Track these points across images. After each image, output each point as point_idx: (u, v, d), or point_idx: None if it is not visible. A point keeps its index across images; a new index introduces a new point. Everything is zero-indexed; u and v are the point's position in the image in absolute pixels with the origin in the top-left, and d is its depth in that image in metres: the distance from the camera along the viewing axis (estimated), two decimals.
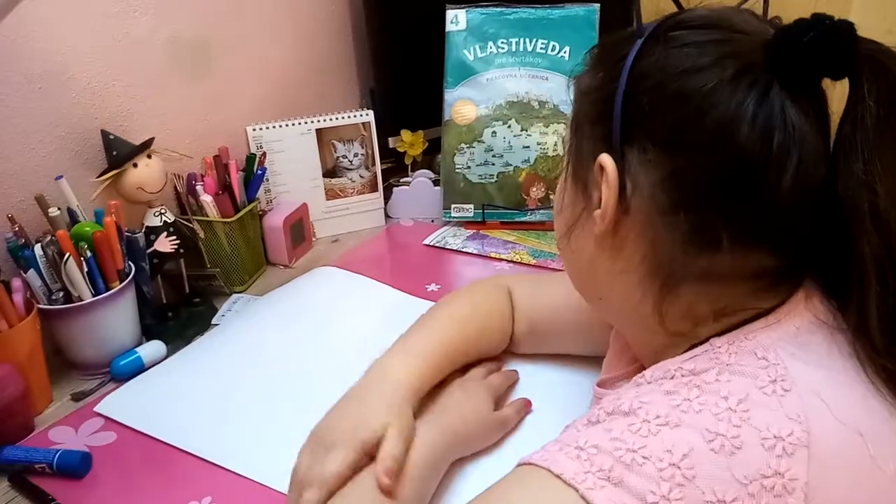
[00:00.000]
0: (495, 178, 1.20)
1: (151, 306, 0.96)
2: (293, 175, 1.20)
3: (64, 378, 0.88)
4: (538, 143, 1.18)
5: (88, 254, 0.84)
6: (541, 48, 1.17)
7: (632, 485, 0.41)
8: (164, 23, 1.04)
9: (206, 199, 1.03)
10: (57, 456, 0.72)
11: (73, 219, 0.90)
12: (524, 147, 1.19)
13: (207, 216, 1.04)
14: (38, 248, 0.83)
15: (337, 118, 1.20)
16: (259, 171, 1.10)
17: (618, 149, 0.50)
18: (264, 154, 1.13)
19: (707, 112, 0.46)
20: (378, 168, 1.25)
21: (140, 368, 0.88)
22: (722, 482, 0.41)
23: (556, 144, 1.18)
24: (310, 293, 1.03)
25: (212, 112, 1.14)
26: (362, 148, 1.23)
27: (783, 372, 0.45)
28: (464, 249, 1.16)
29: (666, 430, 0.43)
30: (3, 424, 0.76)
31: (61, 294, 0.85)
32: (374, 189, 1.26)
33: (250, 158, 1.10)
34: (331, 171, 1.23)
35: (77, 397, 0.85)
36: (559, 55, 1.17)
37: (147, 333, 0.94)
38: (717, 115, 0.46)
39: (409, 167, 1.33)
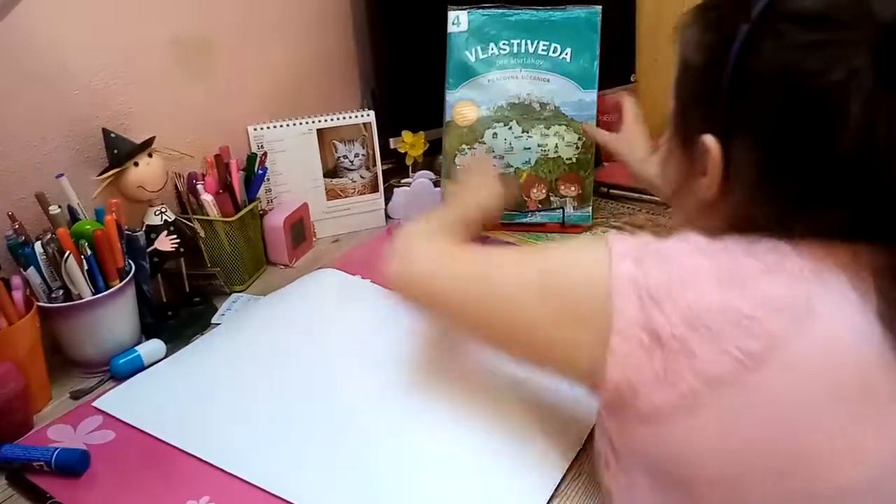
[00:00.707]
0: None
1: (151, 305, 0.96)
2: (294, 175, 1.20)
3: (63, 376, 0.88)
4: (539, 145, 1.18)
5: (89, 252, 0.84)
6: (542, 50, 1.17)
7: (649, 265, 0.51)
8: (166, 22, 1.04)
9: (207, 198, 1.03)
10: (55, 454, 0.72)
11: (74, 217, 0.90)
12: (525, 149, 1.19)
13: (208, 215, 1.04)
14: (38, 246, 0.83)
15: (338, 118, 1.20)
16: (260, 171, 1.10)
17: (722, 136, 0.53)
18: (265, 154, 1.13)
19: (811, 115, 0.48)
20: (379, 168, 1.25)
21: (139, 367, 0.88)
22: (711, 302, 0.48)
23: (556, 146, 1.18)
24: (310, 295, 1.03)
25: (213, 111, 1.14)
26: (363, 148, 1.23)
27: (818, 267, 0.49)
28: None
29: (686, 256, 0.51)
30: (1, 422, 0.76)
31: (61, 292, 0.84)
32: (374, 189, 1.26)
33: (251, 158, 1.10)
34: (332, 172, 1.23)
35: (76, 395, 0.85)
36: (561, 57, 1.17)
37: (147, 332, 0.94)
38: (821, 118, 0.48)
39: (410, 168, 1.33)
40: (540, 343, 0.58)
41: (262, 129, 1.17)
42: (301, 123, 1.19)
